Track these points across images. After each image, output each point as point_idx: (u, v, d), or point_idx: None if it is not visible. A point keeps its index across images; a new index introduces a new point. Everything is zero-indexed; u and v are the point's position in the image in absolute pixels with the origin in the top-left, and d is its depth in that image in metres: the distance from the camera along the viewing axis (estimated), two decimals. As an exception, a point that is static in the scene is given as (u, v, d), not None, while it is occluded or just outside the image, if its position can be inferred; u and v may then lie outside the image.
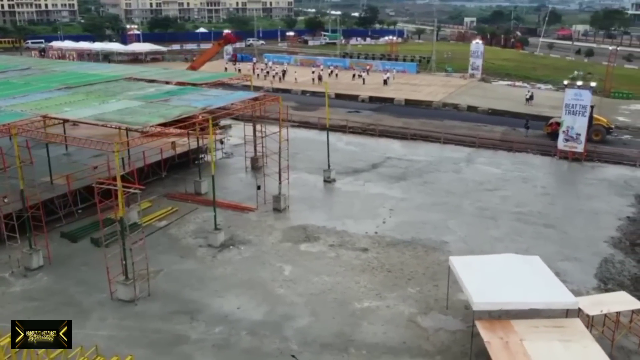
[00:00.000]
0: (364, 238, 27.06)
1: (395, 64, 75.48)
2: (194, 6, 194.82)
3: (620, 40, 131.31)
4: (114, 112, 25.19)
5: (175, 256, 25.25)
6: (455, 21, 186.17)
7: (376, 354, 18.56)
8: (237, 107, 28.03)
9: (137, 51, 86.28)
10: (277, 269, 24.10)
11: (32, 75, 35.45)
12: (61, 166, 30.73)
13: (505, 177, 36.03)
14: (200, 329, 19.86)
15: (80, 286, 22.64)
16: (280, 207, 30.43)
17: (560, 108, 55.12)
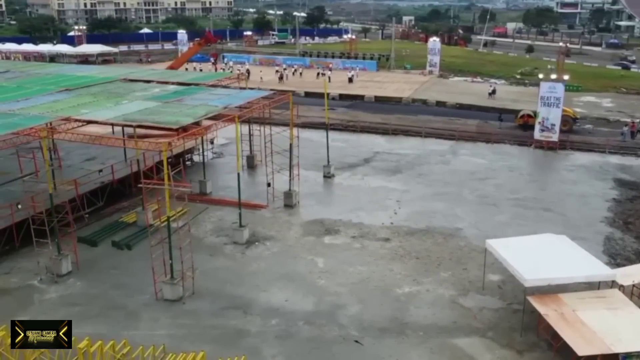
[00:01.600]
0: (382, 229, 28.06)
1: (355, 62, 76.99)
2: (131, 6, 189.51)
3: (552, 37, 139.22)
4: (136, 113, 24.95)
5: (204, 255, 25.28)
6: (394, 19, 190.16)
7: (432, 334, 19.58)
8: (256, 105, 28.21)
9: (87, 53, 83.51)
10: (310, 262, 24.69)
11: (18, 78, 34.12)
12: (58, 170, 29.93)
13: (492, 167, 38.01)
14: (256, 322, 20.21)
15: (118, 289, 22.38)
16: (291, 203, 30.94)
17: (520, 101, 58.98)
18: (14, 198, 26.35)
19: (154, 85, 31.84)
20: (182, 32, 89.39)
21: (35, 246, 23.20)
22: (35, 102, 26.94)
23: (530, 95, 62.77)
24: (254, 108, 27.52)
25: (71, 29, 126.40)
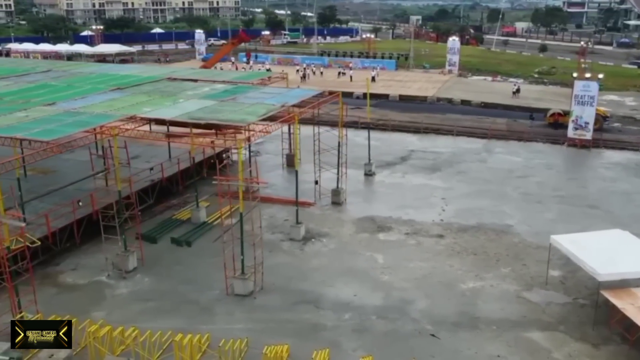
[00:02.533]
0: (433, 226, 28.40)
1: (374, 62, 77.31)
2: (139, 6, 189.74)
3: (562, 36, 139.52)
4: (198, 112, 25.27)
5: (264, 251, 25.58)
6: (401, 19, 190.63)
7: (506, 328, 19.91)
8: (313, 103, 28.56)
9: (105, 52, 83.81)
10: (369, 258, 25.03)
11: (63, 77, 34.41)
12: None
13: (529, 165, 38.33)
14: (330, 316, 20.54)
15: (186, 285, 22.70)
16: (339, 200, 31.29)
17: (543, 100, 59.32)
18: (77, 197, 26.72)
19: (202, 84, 32.12)
20: (200, 31, 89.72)
21: (103, 242, 23.52)
22: (92, 100, 27.23)
23: (553, 94, 63.40)
24: (311, 107, 27.79)
25: (83, 28, 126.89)
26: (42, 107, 25.43)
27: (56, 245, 24.92)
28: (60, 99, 27.30)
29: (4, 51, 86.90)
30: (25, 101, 26.85)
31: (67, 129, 21.74)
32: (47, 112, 24.34)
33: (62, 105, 26.17)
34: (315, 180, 31.73)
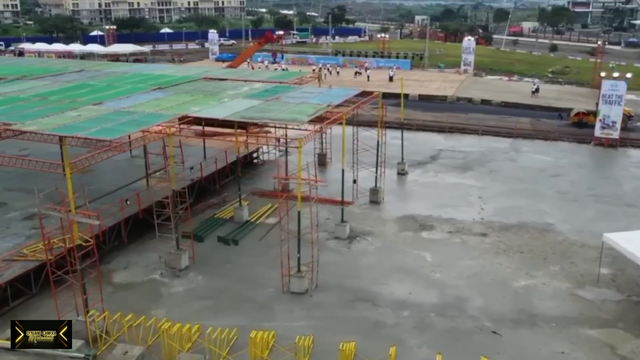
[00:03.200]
0: (475, 224, 28.56)
1: (389, 61, 77.48)
2: (145, 6, 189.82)
3: (569, 36, 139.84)
4: (247, 111, 25.38)
5: (308, 248, 25.76)
6: (406, 19, 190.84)
7: (564, 325, 20.08)
8: (359, 103, 28.71)
9: (119, 52, 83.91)
10: (417, 256, 25.19)
11: (99, 77, 34.51)
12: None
13: (559, 164, 38.50)
14: (389, 314, 20.70)
15: (240, 283, 22.87)
16: (377, 199, 31.47)
17: (562, 99, 59.51)
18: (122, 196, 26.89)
19: (240, 84, 32.22)
20: (213, 31, 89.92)
21: (157, 241, 23.68)
22: (138, 100, 27.31)
23: (571, 94, 63.66)
24: (355, 106, 27.94)
25: (93, 28, 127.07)
26: (90, 107, 25.53)
27: (105, 244, 25.09)
28: (106, 99, 27.39)
29: (17, 51, 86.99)
30: (72, 101, 26.96)
31: (125, 128, 21.86)
32: (99, 112, 24.43)
33: (109, 104, 26.28)
34: (354, 179, 31.87)
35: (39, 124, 22.49)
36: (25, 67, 39.14)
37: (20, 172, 26.13)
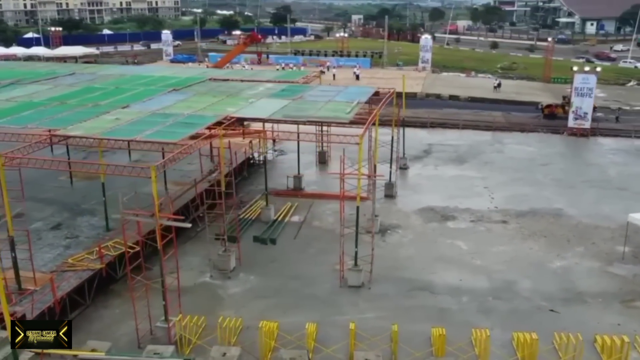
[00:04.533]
0: (492, 213, 30.06)
1: (349, 60, 78.73)
2: (74, 7, 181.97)
3: (502, 34, 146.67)
4: (285, 110, 25.57)
5: (348, 243, 26.30)
6: (343, 19, 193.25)
7: (609, 299, 21.73)
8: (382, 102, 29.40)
9: (68, 55, 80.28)
10: (452, 245, 26.32)
11: (97, 79, 33.37)
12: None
13: (543, 154, 40.91)
14: (449, 300, 21.63)
15: (294, 280, 23.11)
16: (392, 193, 32.40)
17: (523, 93, 62.88)
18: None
19: (253, 84, 32.14)
20: (167, 32, 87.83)
21: (208, 243, 23.52)
22: (163, 102, 26.79)
23: (528, 88, 67.27)
24: (381, 105, 28.64)
25: (27, 30, 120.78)
26: (120, 110, 24.91)
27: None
28: (129, 101, 26.74)
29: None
30: (95, 104, 26.15)
31: (181, 129, 21.54)
32: (135, 115, 23.87)
33: (136, 107, 25.72)
34: (368, 174, 32.58)
35: (82, 128, 21.81)
36: (7, 71, 37.22)
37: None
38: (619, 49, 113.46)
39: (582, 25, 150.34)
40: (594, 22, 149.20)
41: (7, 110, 24.95)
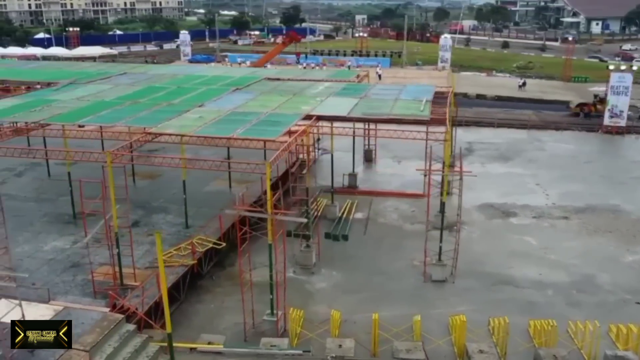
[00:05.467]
0: (551, 209, 30.52)
1: (368, 60, 79.15)
2: (78, 7, 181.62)
3: (507, 34, 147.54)
4: (361, 107, 25.97)
5: (417, 239, 26.70)
6: (345, 19, 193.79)
7: (694, 290, 22.24)
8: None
9: (86, 55, 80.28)
10: (521, 241, 26.74)
11: (152, 79, 33.59)
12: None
13: (583, 151, 41.47)
14: (535, 294, 22.01)
15: (378, 275, 23.45)
16: (448, 191, 32.66)
17: (547, 92, 63.47)
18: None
19: (311, 83, 32.47)
20: (185, 32, 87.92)
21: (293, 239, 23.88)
22: (233, 101, 27.03)
23: (551, 87, 67.89)
24: (448, 104, 29.06)
25: (38, 30, 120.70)
26: (198, 109, 25.20)
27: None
28: (202, 100, 27.01)
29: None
30: (168, 103, 26.43)
31: (270, 127, 21.84)
32: (216, 114, 24.13)
33: (210, 106, 26.01)
34: (424, 172, 32.98)
35: (172, 126, 22.09)
36: (57, 71, 37.40)
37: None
38: (628, 49, 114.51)
39: (587, 25, 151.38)
40: (599, 22, 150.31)
41: (85, 109, 25.22)
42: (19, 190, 30.58)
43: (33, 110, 24.85)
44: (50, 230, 25.13)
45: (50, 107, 25.67)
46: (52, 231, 25.10)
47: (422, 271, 23.51)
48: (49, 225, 25.79)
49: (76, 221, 26.21)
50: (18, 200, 28.77)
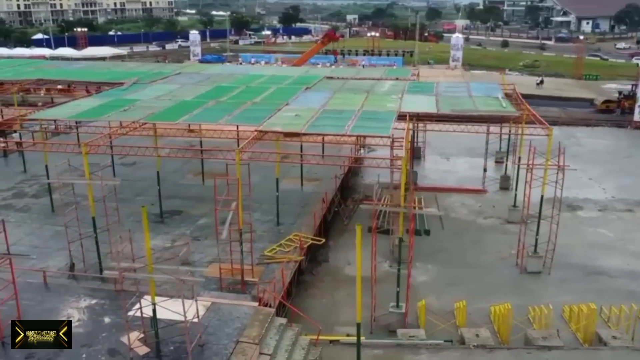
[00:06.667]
0: (613, 202, 31.52)
1: (380, 59, 79.83)
2: (68, 7, 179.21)
3: (501, 33, 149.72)
4: (443, 105, 26.55)
5: (495, 234, 27.46)
6: (337, 18, 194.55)
7: None
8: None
9: (97, 55, 79.60)
10: (596, 233, 27.69)
11: (213, 79, 33.72)
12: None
13: (619, 146, 42.67)
14: (631, 283, 22.81)
15: (473, 268, 24.12)
16: (507, 186, 33.54)
17: (564, 90, 64.87)
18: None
19: (377, 82, 32.94)
20: (195, 32, 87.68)
21: (390, 235, 24.36)
22: (312, 100, 27.23)
23: (565, 85, 69.32)
24: (522, 102, 29.75)
25: (36, 31, 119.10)
26: (288, 107, 25.51)
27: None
28: (282, 99, 27.27)
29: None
30: (252, 102, 26.66)
31: (376, 124, 22.30)
32: (309, 112, 24.41)
33: (295, 104, 26.31)
34: (485, 168, 33.81)
35: (277, 124, 22.40)
36: (107, 72, 37.30)
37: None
38: (622, 47, 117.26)
39: (578, 24, 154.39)
40: (589, 21, 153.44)
41: (175, 108, 25.40)
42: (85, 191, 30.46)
43: (124, 110, 24.89)
44: (141, 229, 25.07)
45: (137, 106, 25.73)
46: (143, 230, 25.04)
47: (514, 263, 24.16)
48: (139, 225, 25.73)
49: (164, 220, 26.40)
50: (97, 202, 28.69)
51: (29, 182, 31.77)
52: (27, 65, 40.00)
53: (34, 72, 36.75)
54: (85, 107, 26.10)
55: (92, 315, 16.70)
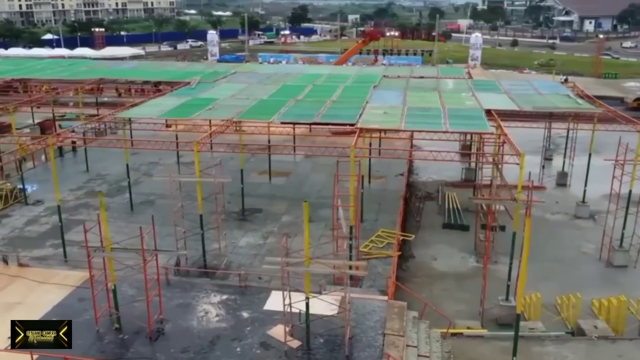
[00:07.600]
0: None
1: (400, 58, 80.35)
2: (70, 7, 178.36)
3: (505, 32, 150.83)
4: (521, 102, 26.97)
5: (568, 229, 27.95)
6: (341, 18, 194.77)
7: None
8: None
9: (117, 55, 79.45)
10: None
11: (273, 77, 34.14)
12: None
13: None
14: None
15: (556, 263, 24.83)
16: (565, 182, 34.14)
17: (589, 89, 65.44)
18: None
19: (437, 80, 33.43)
20: (213, 32, 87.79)
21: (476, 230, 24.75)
22: (389, 98, 27.64)
23: (586, 83, 69.90)
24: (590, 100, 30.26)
25: (44, 32, 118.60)
26: (372, 105, 25.86)
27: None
28: (360, 97, 27.64)
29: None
30: (330, 101, 26.97)
31: (471, 121, 22.77)
32: (395, 109, 24.79)
33: (374, 102, 26.67)
34: (543, 165, 34.34)
35: (372, 122, 22.76)
36: (162, 71, 37.54)
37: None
38: (628, 46, 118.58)
39: (581, 23, 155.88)
40: (592, 20, 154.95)
41: (261, 107, 25.69)
42: (158, 189, 30.61)
43: (209, 109, 25.13)
44: (229, 227, 25.37)
45: (220, 105, 26.01)
46: (232, 228, 25.37)
47: (597, 257, 24.64)
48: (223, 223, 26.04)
49: (246, 217, 26.67)
50: (168, 199, 28.91)
51: (96, 182, 31.92)
52: (74, 65, 40.10)
53: (87, 71, 36.87)
54: (167, 106, 26.27)
55: (229, 310, 16.94)
